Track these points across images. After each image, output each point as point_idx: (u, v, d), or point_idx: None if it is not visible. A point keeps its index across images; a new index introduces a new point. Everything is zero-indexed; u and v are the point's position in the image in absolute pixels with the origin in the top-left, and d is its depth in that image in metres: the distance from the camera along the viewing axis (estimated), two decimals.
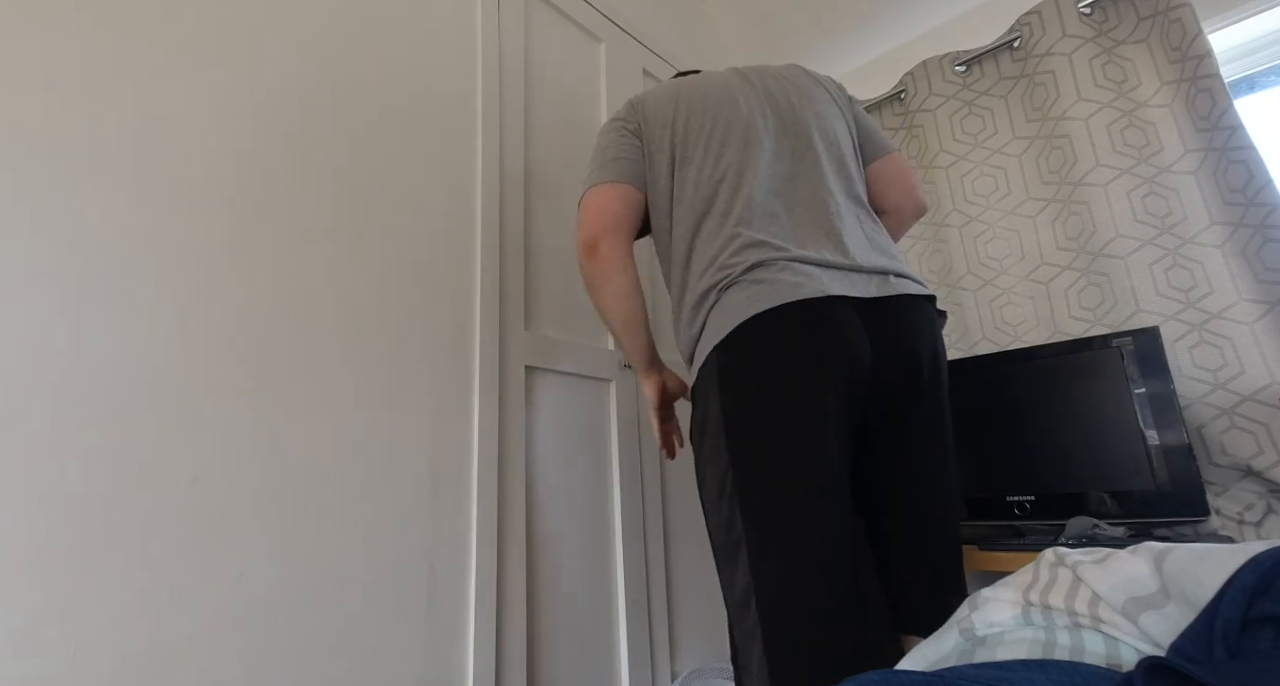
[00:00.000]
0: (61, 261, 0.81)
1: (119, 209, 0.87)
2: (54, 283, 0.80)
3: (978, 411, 1.54)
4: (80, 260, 0.83)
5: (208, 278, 0.93)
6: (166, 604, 0.81)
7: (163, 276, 0.89)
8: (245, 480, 0.91)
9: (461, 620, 1.10)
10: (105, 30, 0.90)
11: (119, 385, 0.83)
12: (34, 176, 0.81)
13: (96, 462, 0.79)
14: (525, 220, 1.43)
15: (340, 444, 1.02)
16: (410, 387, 1.13)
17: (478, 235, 1.31)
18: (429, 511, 1.10)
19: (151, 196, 0.90)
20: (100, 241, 0.85)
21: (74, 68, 0.87)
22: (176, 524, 0.84)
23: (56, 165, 0.83)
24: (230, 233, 0.97)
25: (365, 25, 1.22)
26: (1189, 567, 0.43)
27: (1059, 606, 0.50)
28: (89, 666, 0.74)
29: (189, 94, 0.96)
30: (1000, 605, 0.56)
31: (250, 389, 0.94)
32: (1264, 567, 0.38)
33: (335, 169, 1.11)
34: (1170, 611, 0.43)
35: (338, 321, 1.06)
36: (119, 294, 0.85)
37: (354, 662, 0.96)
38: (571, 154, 1.58)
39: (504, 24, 1.48)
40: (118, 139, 0.88)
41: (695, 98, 1.08)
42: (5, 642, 0.70)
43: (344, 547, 0.99)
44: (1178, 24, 1.51)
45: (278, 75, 1.07)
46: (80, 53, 0.88)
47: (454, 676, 1.07)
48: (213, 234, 0.95)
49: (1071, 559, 0.54)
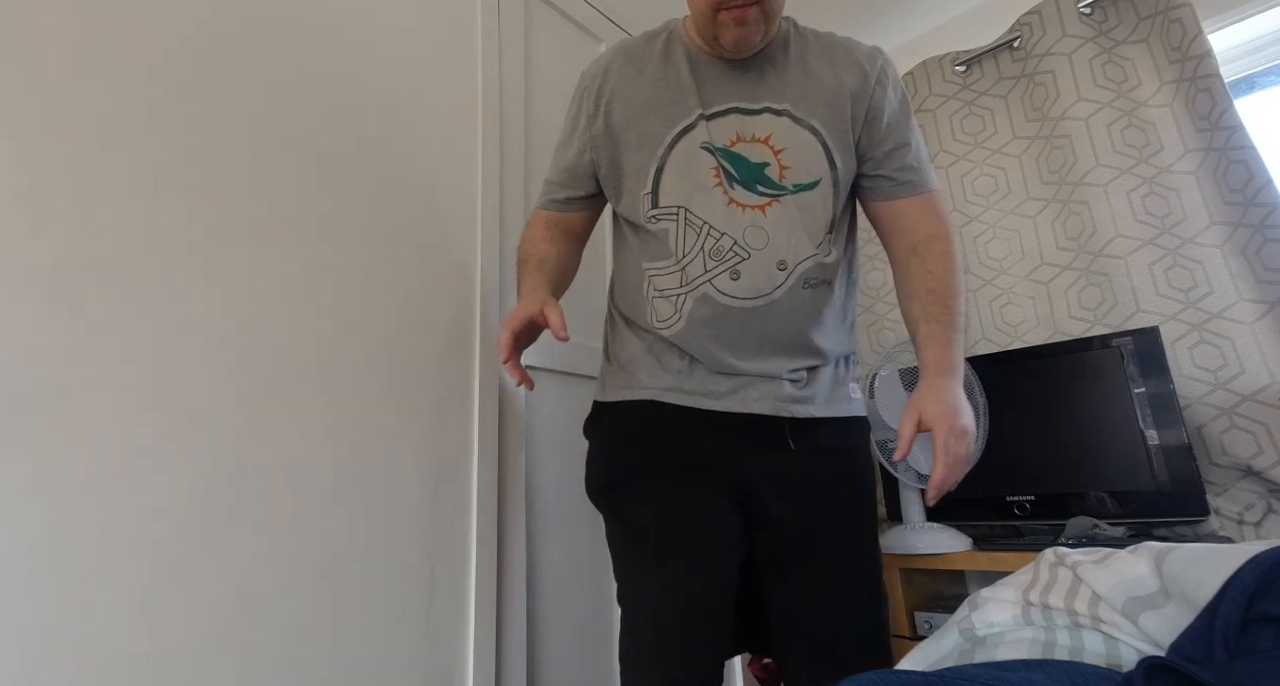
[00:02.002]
0: (61, 261, 0.81)
1: (120, 208, 0.87)
2: (53, 282, 0.80)
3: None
4: (80, 259, 0.82)
5: (208, 276, 0.93)
6: (166, 604, 0.81)
7: (163, 276, 0.89)
8: (245, 480, 0.91)
9: (461, 620, 1.10)
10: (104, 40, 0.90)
11: (119, 385, 0.83)
12: (34, 176, 0.81)
13: (96, 462, 0.79)
14: (525, 219, 1.42)
15: (340, 444, 1.02)
16: (410, 387, 1.13)
17: (478, 235, 1.31)
18: (429, 511, 1.10)
19: (152, 196, 0.90)
20: (101, 240, 0.84)
21: (74, 67, 0.87)
22: (176, 524, 0.84)
23: (57, 164, 0.83)
24: (230, 232, 0.97)
25: (365, 25, 1.22)
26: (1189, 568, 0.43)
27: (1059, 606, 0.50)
28: (89, 666, 0.74)
29: (188, 93, 0.96)
30: (1000, 605, 0.56)
31: (250, 389, 0.94)
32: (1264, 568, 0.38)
33: (335, 168, 1.11)
34: (1170, 611, 0.43)
35: (338, 321, 1.06)
36: (119, 293, 0.85)
37: (354, 662, 0.96)
38: None
39: (504, 24, 1.48)
40: (119, 139, 0.88)
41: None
42: (5, 642, 0.70)
43: (344, 548, 0.99)
44: (1178, 24, 1.51)
45: (277, 75, 1.07)
46: (80, 52, 0.88)
47: (454, 676, 1.07)
48: (212, 233, 0.95)
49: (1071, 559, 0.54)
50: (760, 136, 0.93)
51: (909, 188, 0.98)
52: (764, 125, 0.94)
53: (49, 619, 0.73)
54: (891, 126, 0.97)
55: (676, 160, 0.94)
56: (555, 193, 1.08)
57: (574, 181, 1.06)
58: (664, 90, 0.96)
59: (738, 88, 0.95)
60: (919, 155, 0.99)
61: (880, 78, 0.96)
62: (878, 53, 0.99)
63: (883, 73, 0.96)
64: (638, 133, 0.97)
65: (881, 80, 0.96)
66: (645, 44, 1.02)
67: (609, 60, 1.03)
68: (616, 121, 0.99)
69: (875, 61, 0.97)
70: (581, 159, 1.04)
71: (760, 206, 0.93)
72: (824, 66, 0.96)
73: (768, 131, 0.93)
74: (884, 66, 0.97)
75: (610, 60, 1.03)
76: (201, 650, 0.83)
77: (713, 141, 0.93)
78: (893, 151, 0.97)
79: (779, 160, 0.93)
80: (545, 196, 1.10)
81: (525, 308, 0.90)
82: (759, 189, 0.93)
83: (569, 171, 1.06)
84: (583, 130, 1.02)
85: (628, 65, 1.01)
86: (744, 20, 0.85)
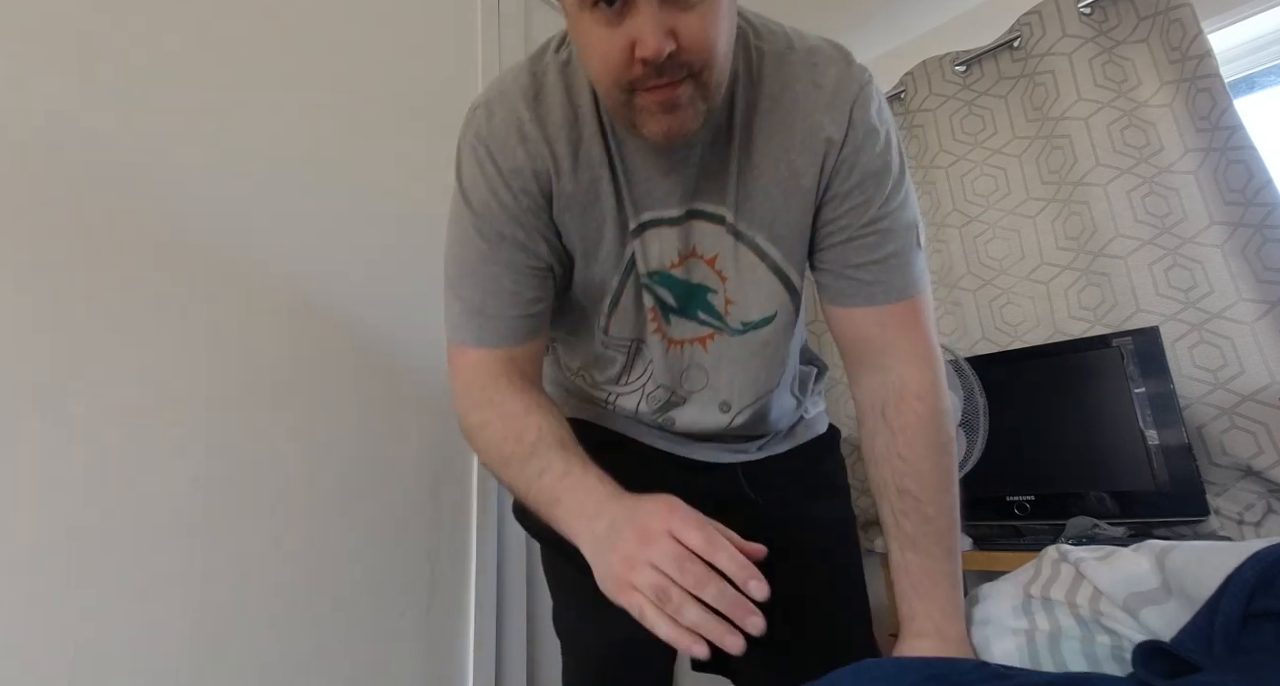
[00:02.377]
0: (60, 261, 0.81)
1: (120, 209, 0.87)
2: (52, 282, 0.80)
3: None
4: (79, 259, 0.82)
5: (208, 276, 0.93)
6: (167, 604, 0.81)
7: (163, 275, 0.89)
8: (245, 481, 0.91)
9: (461, 620, 1.10)
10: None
11: (119, 385, 0.83)
12: (34, 174, 0.81)
13: (96, 462, 0.79)
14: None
15: (340, 444, 1.02)
16: (410, 387, 1.13)
17: None
18: (429, 511, 1.10)
19: (151, 198, 0.90)
20: (100, 241, 0.84)
21: (76, 65, 0.87)
22: (176, 524, 0.84)
23: (56, 163, 0.83)
24: (230, 232, 0.97)
25: (365, 25, 1.22)
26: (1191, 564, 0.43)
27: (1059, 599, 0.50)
28: (89, 666, 0.74)
29: (186, 93, 0.96)
30: (1000, 598, 0.56)
31: (250, 390, 0.94)
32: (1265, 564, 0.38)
33: (335, 169, 1.11)
34: (1171, 607, 0.43)
35: (338, 321, 1.06)
36: (119, 292, 0.85)
37: (355, 662, 0.96)
38: None
39: (504, 24, 1.48)
40: (118, 138, 0.88)
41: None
42: (5, 642, 0.70)
43: (344, 548, 0.99)
44: (1178, 24, 1.51)
45: (277, 76, 1.07)
46: (77, 52, 0.88)
47: (454, 676, 1.07)
48: (213, 233, 0.95)
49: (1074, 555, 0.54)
50: (705, 255, 0.70)
51: (877, 291, 0.67)
52: (707, 240, 0.69)
53: (49, 619, 0.73)
54: (858, 199, 0.66)
55: (624, 299, 0.72)
56: (505, 311, 0.68)
57: (532, 272, 0.68)
58: (588, 194, 0.67)
59: (671, 185, 0.66)
60: (901, 242, 0.67)
61: (850, 133, 0.65)
62: (852, 86, 0.65)
63: (854, 122, 0.65)
64: (582, 250, 0.70)
65: (852, 136, 0.65)
66: (538, 106, 0.66)
67: (517, 127, 0.66)
68: (563, 221, 0.69)
69: (844, 107, 0.65)
70: (535, 238, 0.68)
71: (701, 339, 0.73)
72: (777, 147, 0.66)
73: (712, 251, 0.69)
74: (857, 110, 0.65)
75: (519, 130, 0.66)
76: (202, 650, 0.83)
77: (647, 264, 0.69)
78: (859, 236, 0.66)
79: (725, 289, 0.71)
80: (477, 330, 0.69)
81: (697, 524, 0.51)
82: (700, 316, 0.72)
83: (521, 249, 0.67)
84: (526, 210, 0.67)
85: (538, 140, 0.66)
86: (674, 103, 0.55)
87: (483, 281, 0.68)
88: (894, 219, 0.67)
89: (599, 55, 0.53)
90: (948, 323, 1.84)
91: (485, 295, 0.68)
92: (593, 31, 0.53)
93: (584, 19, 0.53)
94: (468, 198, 0.67)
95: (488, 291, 0.68)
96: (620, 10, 0.50)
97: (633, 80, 0.53)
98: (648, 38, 0.50)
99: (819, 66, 0.65)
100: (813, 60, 0.66)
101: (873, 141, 0.65)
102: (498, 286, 0.68)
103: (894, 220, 0.67)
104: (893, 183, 0.66)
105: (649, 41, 0.50)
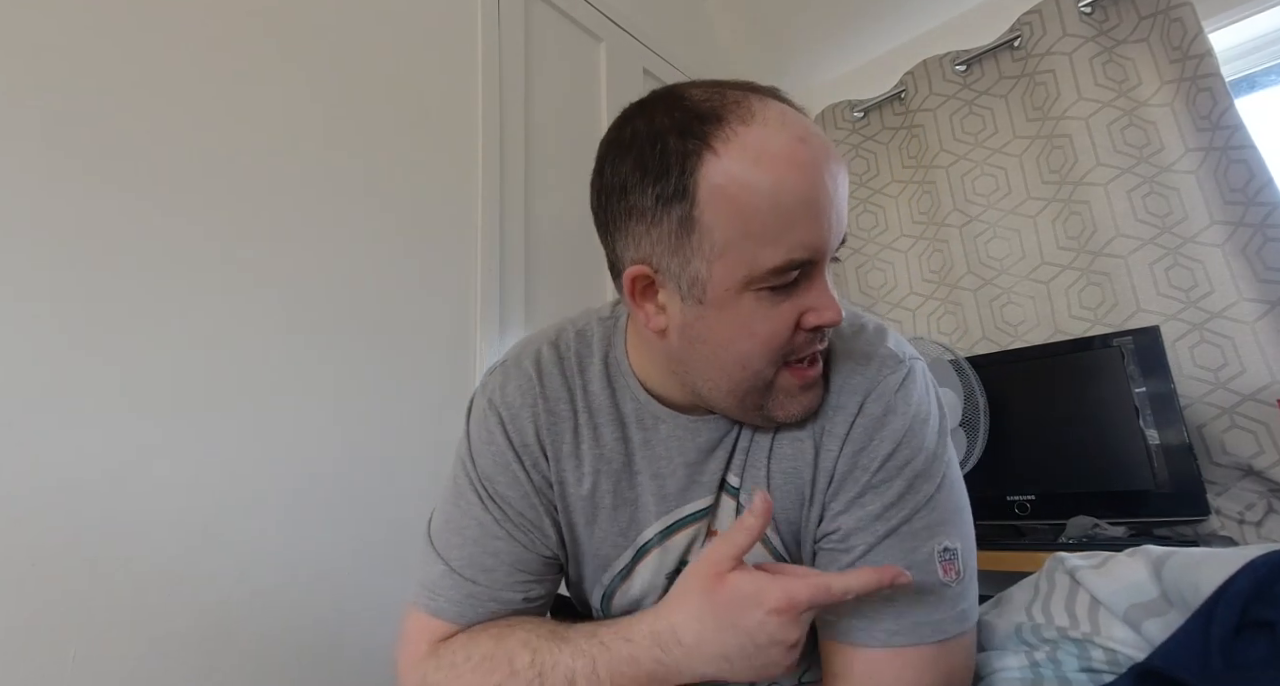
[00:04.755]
0: (59, 260, 0.81)
1: (120, 208, 0.87)
2: (51, 281, 0.80)
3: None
4: (78, 258, 0.83)
5: (207, 277, 0.93)
6: (166, 603, 0.82)
7: (163, 275, 0.89)
8: (244, 481, 0.91)
9: None
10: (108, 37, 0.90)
11: (119, 385, 0.83)
12: (35, 174, 0.81)
13: (96, 462, 0.80)
14: (525, 220, 1.43)
15: (340, 444, 1.02)
16: (410, 387, 1.13)
17: (478, 234, 1.31)
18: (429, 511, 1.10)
19: (152, 197, 0.90)
20: (99, 240, 0.85)
21: (76, 65, 0.87)
22: (176, 523, 0.84)
23: (56, 162, 0.83)
24: (230, 232, 0.97)
25: (365, 25, 1.22)
26: (1187, 573, 0.43)
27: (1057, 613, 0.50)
28: (89, 666, 0.75)
29: (186, 93, 0.96)
30: (997, 630, 0.55)
31: (249, 389, 0.94)
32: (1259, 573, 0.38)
33: (335, 169, 1.11)
34: (1173, 618, 0.43)
35: (338, 322, 1.06)
36: (118, 292, 0.85)
37: (355, 662, 0.97)
38: (571, 154, 1.58)
39: (504, 24, 1.48)
40: (118, 138, 0.89)
41: None
42: (5, 643, 0.70)
43: (344, 548, 0.99)
44: (1178, 23, 1.50)
45: (276, 76, 1.07)
46: (78, 51, 0.88)
47: None
48: (213, 233, 0.95)
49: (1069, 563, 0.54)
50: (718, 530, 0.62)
51: (878, 633, 0.52)
52: (721, 517, 0.61)
53: (49, 619, 0.73)
54: (851, 520, 0.55)
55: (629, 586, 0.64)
56: (500, 593, 0.60)
57: (533, 546, 0.61)
58: (610, 500, 0.61)
59: (692, 475, 0.60)
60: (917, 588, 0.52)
61: (853, 429, 0.56)
62: (874, 380, 0.57)
63: (860, 418, 0.56)
64: (591, 551, 0.63)
65: (854, 434, 0.55)
66: (561, 391, 0.62)
67: (531, 414, 0.61)
68: (571, 519, 0.63)
69: (853, 402, 0.56)
70: (540, 516, 0.62)
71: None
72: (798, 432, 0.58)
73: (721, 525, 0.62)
74: (870, 404, 0.56)
75: (534, 418, 0.61)
76: (202, 650, 0.83)
77: (664, 565, 0.61)
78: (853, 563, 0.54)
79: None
80: (459, 606, 0.60)
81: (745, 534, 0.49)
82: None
83: (523, 530, 0.61)
84: (537, 490, 0.62)
85: (556, 438, 0.61)
86: (812, 383, 0.52)
87: (478, 557, 0.60)
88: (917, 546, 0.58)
89: (766, 332, 0.50)
90: (948, 322, 1.84)
91: (477, 571, 0.60)
92: (756, 310, 0.49)
93: (744, 299, 0.49)
94: (475, 460, 0.63)
95: (481, 568, 0.60)
96: (794, 282, 0.49)
97: (794, 347, 0.51)
98: (829, 303, 0.49)
99: (859, 366, 0.59)
100: (855, 368, 0.59)
101: (885, 444, 0.56)
102: (496, 563, 0.60)
103: (922, 550, 0.58)
104: (919, 520, 0.59)
105: (831, 306, 0.49)
